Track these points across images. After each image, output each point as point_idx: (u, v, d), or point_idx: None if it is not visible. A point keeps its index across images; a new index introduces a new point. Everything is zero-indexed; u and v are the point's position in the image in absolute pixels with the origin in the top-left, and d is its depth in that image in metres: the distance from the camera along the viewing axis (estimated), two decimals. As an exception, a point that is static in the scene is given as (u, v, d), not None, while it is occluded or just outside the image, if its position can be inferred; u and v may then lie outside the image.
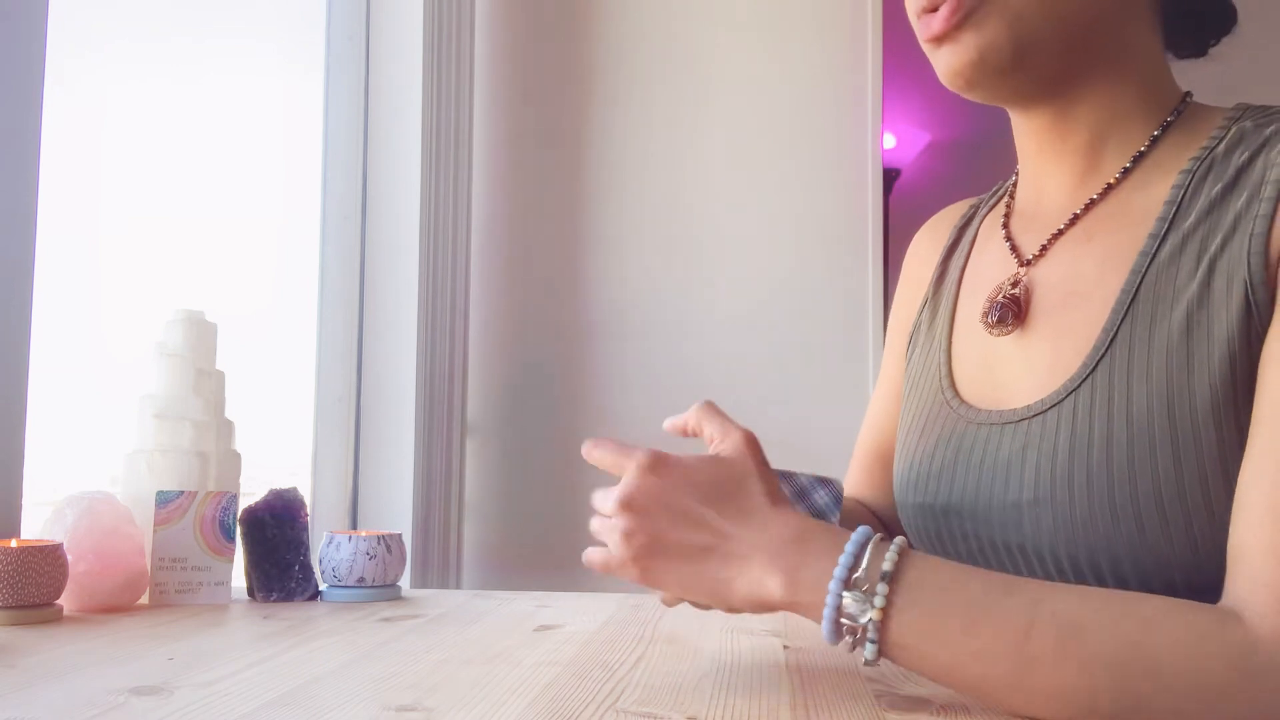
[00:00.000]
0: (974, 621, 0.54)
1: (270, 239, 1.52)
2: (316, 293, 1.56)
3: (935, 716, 0.55)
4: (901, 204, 3.18)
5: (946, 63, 0.69)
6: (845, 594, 0.56)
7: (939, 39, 0.69)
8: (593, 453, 0.67)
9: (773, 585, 0.59)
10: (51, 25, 0.96)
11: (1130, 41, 0.71)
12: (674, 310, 1.76)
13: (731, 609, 0.62)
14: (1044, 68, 0.69)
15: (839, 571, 0.57)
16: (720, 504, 0.62)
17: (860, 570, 0.57)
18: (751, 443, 0.66)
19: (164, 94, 1.30)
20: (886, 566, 0.56)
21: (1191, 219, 0.65)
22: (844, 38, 1.79)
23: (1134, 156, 0.71)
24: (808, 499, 0.69)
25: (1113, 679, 0.51)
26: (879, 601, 0.56)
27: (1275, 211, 0.60)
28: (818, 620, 0.58)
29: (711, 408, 0.69)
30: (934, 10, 0.69)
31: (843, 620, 0.56)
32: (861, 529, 0.59)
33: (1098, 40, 0.70)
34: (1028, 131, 0.76)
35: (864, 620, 0.56)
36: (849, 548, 0.58)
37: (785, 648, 0.73)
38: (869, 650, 0.56)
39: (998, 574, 0.57)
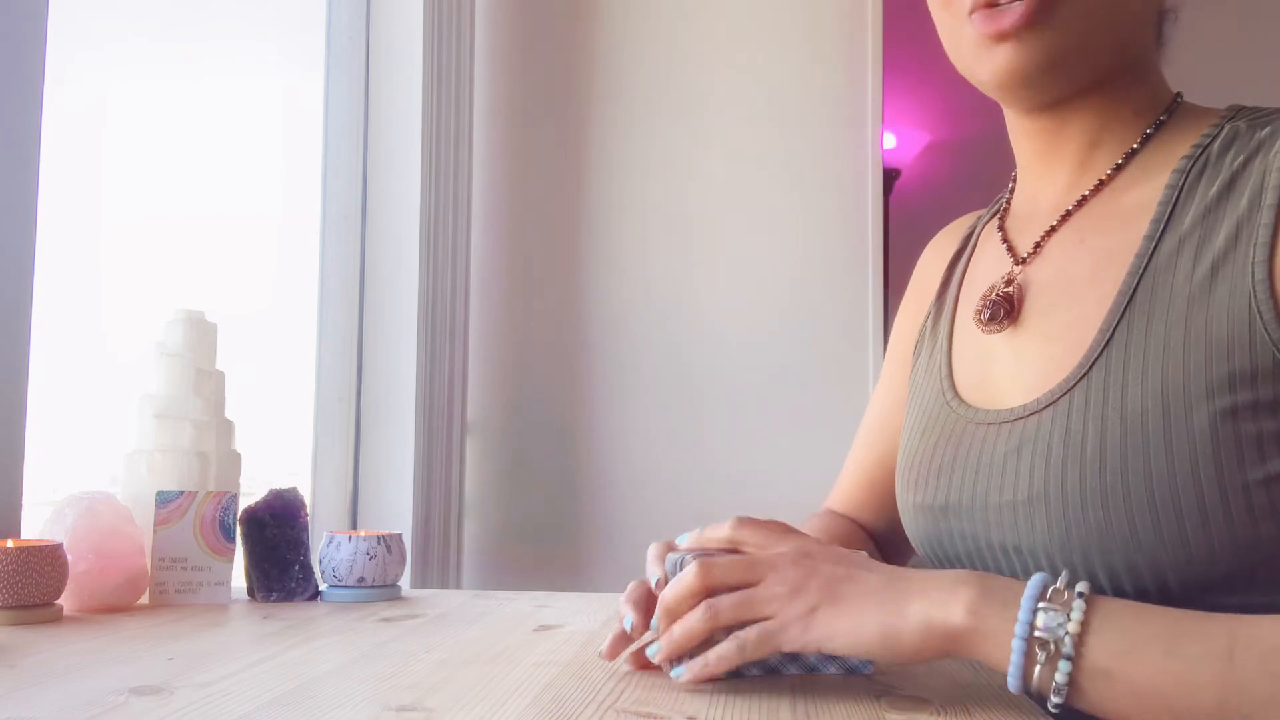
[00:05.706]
0: (1175, 639, 0.52)
1: (270, 239, 1.52)
2: (316, 293, 1.56)
3: (935, 716, 0.54)
4: (901, 204, 3.18)
5: (1008, 59, 0.66)
6: (1040, 606, 0.54)
7: (1006, 35, 0.65)
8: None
9: (955, 609, 0.55)
10: (51, 25, 0.96)
11: (1141, 44, 0.71)
12: (674, 309, 1.76)
13: (896, 652, 0.56)
14: (1094, 70, 0.68)
15: (1031, 588, 0.55)
16: (870, 563, 0.61)
17: (1056, 584, 0.55)
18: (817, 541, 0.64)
19: (164, 94, 1.30)
20: (1081, 588, 0.54)
21: (1188, 221, 0.64)
22: (844, 38, 1.79)
23: (1125, 155, 0.71)
24: None
25: None
26: (1077, 614, 0.53)
27: (1277, 220, 0.60)
28: (1001, 654, 0.54)
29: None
30: (993, 5, 0.65)
31: (1037, 634, 0.53)
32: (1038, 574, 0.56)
33: (1134, 44, 0.69)
34: (1030, 133, 0.75)
35: (1062, 634, 0.53)
36: (1036, 575, 0.56)
37: (785, 648, 0.73)
38: (1061, 672, 0.52)
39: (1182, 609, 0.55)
